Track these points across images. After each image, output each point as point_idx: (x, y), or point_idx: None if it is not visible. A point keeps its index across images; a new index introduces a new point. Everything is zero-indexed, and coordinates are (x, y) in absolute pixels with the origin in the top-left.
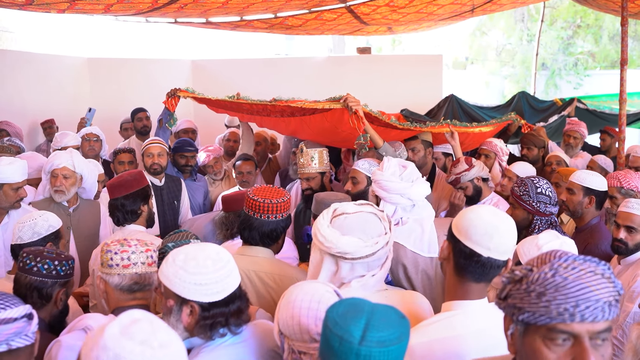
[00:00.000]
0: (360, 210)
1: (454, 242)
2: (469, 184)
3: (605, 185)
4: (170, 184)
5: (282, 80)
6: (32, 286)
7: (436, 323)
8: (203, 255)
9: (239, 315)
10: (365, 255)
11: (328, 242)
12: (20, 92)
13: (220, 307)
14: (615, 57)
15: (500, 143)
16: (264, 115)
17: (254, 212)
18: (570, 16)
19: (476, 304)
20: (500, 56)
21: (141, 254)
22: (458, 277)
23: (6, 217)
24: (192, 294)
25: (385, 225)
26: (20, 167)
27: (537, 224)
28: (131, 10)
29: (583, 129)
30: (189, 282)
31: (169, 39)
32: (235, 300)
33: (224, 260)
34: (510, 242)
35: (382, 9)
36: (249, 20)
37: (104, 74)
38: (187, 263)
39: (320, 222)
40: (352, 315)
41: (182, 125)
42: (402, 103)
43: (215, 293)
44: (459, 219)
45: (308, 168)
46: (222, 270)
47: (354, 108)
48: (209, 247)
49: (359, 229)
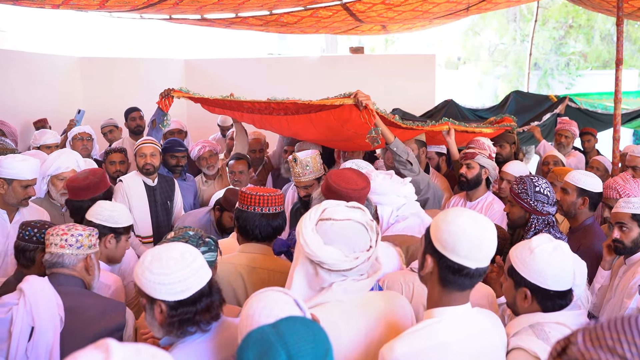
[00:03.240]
0: (348, 218)
1: (439, 257)
2: (477, 166)
3: (600, 186)
4: (163, 184)
5: (275, 80)
6: (19, 249)
7: (419, 331)
8: (166, 255)
9: (208, 313)
10: (343, 269)
11: (308, 248)
12: (12, 92)
13: (186, 306)
14: (607, 57)
15: (488, 142)
16: (265, 113)
17: (247, 205)
18: (563, 16)
19: (459, 310)
20: (493, 56)
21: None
22: (442, 288)
23: (17, 214)
24: (158, 293)
25: (372, 237)
26: (32, 165)
27: (533, 222)
28: (126, 6)
29: (574, 127)
30: (154, 282)
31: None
32: (202, 299)
33: (188, 260)
34: (495, 244)
35: (378, 6)
36: (244, 17)
37: (96, 73)
38: (152, 264)
39: (305, 222)
40: (268, 355)
41: (171, 126)
42: (395, 103)
43: (179, 292)
44: (440, 233)
45: (304, 177)
46: (184, 270)
47: (364, 103)
48: (174, 247)
49: (343, 241)
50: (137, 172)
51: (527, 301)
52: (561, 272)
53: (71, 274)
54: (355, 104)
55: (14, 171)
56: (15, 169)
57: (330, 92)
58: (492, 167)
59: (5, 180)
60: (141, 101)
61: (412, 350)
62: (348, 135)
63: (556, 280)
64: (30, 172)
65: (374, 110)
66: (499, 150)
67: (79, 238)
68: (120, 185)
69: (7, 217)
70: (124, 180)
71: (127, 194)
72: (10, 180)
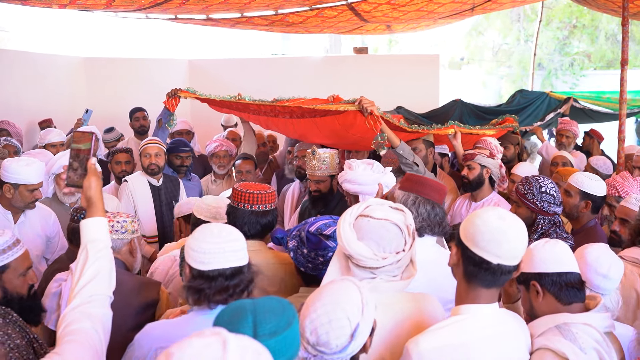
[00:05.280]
0: (387, 218)
1: (463, 248)
2: (478, 166)
3: (603, 190)
4: (168, 184)
5: (279, 80)
6: (71, 230)
7: (446, 327)
8: (209, 228)
9: (219, 294)
10: (369, 267)
11: (341, 240)
12: (16, 92)
13: (203, 279)
14: (611, 57)
15: (495, 141)
16: (271, 116)
17: (239, 202)
18: (567, 16)
19: (486, 309)
20: (496, 56)
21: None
22: (468, 283)
23: (22, 216)
24: (187, 255)
25: (407, 241)
26: (37, 169)
27: (540, 223)
28: (132, 6)
29: (575, 127)
30: (187, 245)
31: (166, 38)
32: (218, 278)
33: (221, 238)
34: (520, 246)
35: (383, 6)
36: (250, 17)
37: (100, 73)
38: (197, 230)
39: (346, 216)
40: (237, 318)
41: (177, 126)
42: (399, 103)
43: (199, 262)
44: (466, 223)
45: (319, 171)
46: (210, 244)
47: (369, 109)
48: (223, 225)
49: (375, 239)
50: (142, 172)
51: (540, 295)
52: (558, 256)
53: (116, 256)
54: (359, 110)
55: (19, 176)
56: (20, 174)
57: (334, 92)
58: (494, 166)
59: (12, 185)
60: (145, 101)
61: (436, 346)
62: (354, 140)
63: (557, 262)
64: (36, 177)
65: (379, 116)
66: (504, 152)
67: (123, 224)
68: (125, 185)
69: (12, 218)
70: (129, 181)
71: (132, 194)
72: (17, 185)
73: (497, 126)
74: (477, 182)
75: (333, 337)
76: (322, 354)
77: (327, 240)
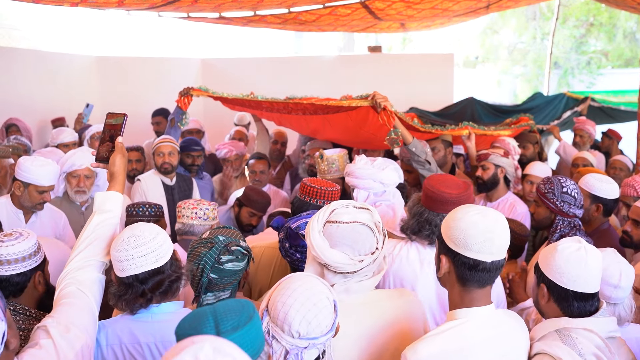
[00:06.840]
0: (355, 220)
1: (453, 255)
2: (492, 166)
3: (615, 193)
4: (181, 183)
5: (292, 79)
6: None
7: (444, 333)
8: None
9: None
10: (348, 272)
11: (315, 250)
12: (29, 90)
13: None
14: (629, 55)
15: (513, 142)
16: (284, 113)
17: (305, 196)
18: (583, 14)
19: (483, 311)
20: (512, 55)
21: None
22: (462, 286)
23: (34, 216)
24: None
25: (378, 239)
26: (50, 172)
27: (559, 224)
28: (145, 4)
29: (590, 127)
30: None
31: (179, 37)
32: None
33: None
34: (507, 236)
35: (398, 4)
36: (263, 15)
37: (112, 72)
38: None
39: (313, 224)
40: (199, 320)
41: (188, 125)
42: (413, 102)
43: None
44: (451, 231)
45: (329, 174)
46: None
47: (382, 104)
48: (134, 227)
49: (348, 244)
50: (155, 171)
51: (545, 298)
52: (579, 272)
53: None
54: (372, 105)
55: (32, 176)
56: (33, 174)
57: (348, 91)
58: (509, 166)
59: (22, 183)
60: (157, 101)
61: (435, 352)
62: (366, 137)
63: (572, 280)
64: (48, 179)
65: (392, 112)
66: (523, 152)
67: (205, 212)
68: (138, 185)
69: (24, 217)
70: (142, 180)
71: (146, 193)
72: (27, 184)
73: (511, 126)
74: (492, 182)
75: (322, 317)
76: (313, 340)
77: (304, 239)
